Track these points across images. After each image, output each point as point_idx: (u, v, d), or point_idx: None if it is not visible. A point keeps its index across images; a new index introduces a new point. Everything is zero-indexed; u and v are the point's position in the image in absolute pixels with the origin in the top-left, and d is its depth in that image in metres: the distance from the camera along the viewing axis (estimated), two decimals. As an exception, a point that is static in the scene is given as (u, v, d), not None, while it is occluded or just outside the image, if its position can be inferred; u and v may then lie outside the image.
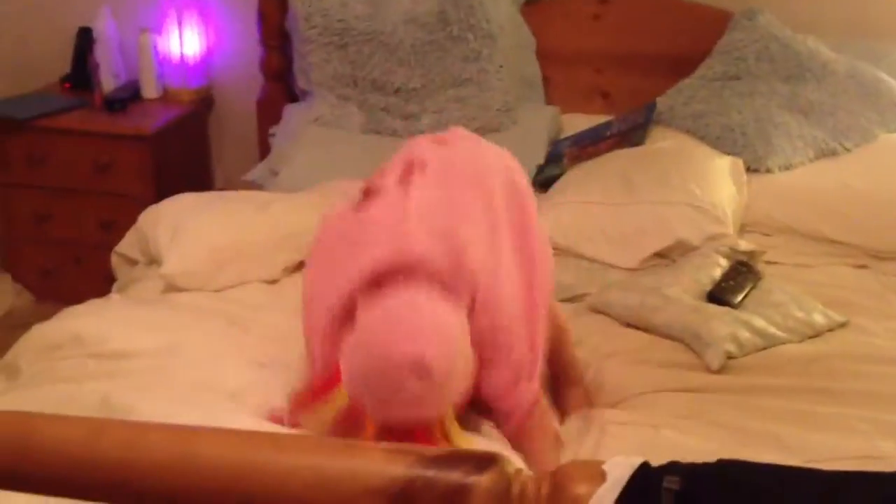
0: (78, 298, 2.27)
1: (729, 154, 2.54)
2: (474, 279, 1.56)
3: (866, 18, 2.87)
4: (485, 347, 1.55)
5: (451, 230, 1.57)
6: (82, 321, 1.91)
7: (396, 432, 1.40)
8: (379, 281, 1.50)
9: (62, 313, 2.00)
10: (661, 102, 2.75)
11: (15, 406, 1.56)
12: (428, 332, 1.42)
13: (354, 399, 1.43)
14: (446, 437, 1.44)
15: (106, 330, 1.86)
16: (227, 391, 1.69)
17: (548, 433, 1.69)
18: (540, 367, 1.66)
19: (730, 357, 1.89)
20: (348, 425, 1.44)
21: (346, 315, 1.51)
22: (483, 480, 0.88)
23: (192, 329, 1.90)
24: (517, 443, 1.64)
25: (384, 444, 0.94)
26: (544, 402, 1.68)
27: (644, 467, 0.88)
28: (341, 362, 1.46)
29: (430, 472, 0.89)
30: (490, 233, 1.62)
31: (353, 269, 1.54)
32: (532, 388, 1.64)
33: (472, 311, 1.54)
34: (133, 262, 2.39)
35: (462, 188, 1.65)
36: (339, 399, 1.44)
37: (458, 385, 1.46)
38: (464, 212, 1.61)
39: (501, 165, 1.72)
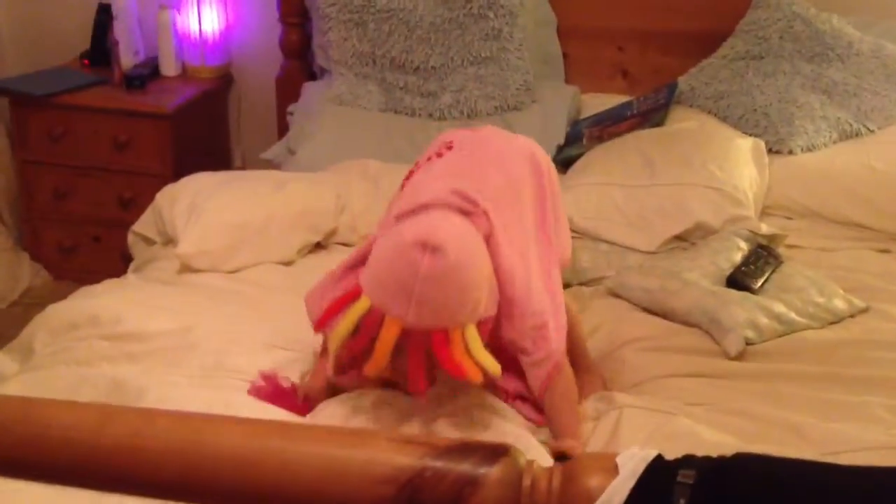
0: (96, 277, 2.28)
1: (751, 135, 2.51)
2: (489, 220, 1.58)
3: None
4: (504, 286, 1.57)
5: (468, 185, 1.60)
6: (97, 302, 1.91)
7: (415, 338, 1.41)
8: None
9: (77, 293, 2.00)
10: (683, 82, 2.71)
11: (27, 389, 1.57)
12: (441, 223, 1.47)
13: (374, 300, 1.43)
14: (467, 350, 1.43)
15: (120, 311, 1.86)
16: (240, 374, 1.69)
17: (573, 403, 1.68)
18: (563, 324, 1.65)
19: (749, 343, 1.87)
20: (368, 332, 1.43)
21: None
22: (494, 472, 0.87)
23: (206, 311, 1.90)
24: (545, 410, 1.65)
25: (393, 434, 0.93)
26: (570, 371, 1.67)
27: (658, 460, 0.86)
28: (362, 273, 1.47)
29: (440, 463, 0.87)
30: (510, 206, 1.65)
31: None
32: (558, 338, 1.63)
33: (488, 246, 1.55)
34: (150, 242, 2.39)
35: (486, 163, 1.69)
36: (360, 306, 1.44)
37: (478, 293, 1.45)
38: (483, 176, 1.64)
39: (528, 151, 1.76)
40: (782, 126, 2.48)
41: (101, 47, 3.20)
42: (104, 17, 3.19)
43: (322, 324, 1.55)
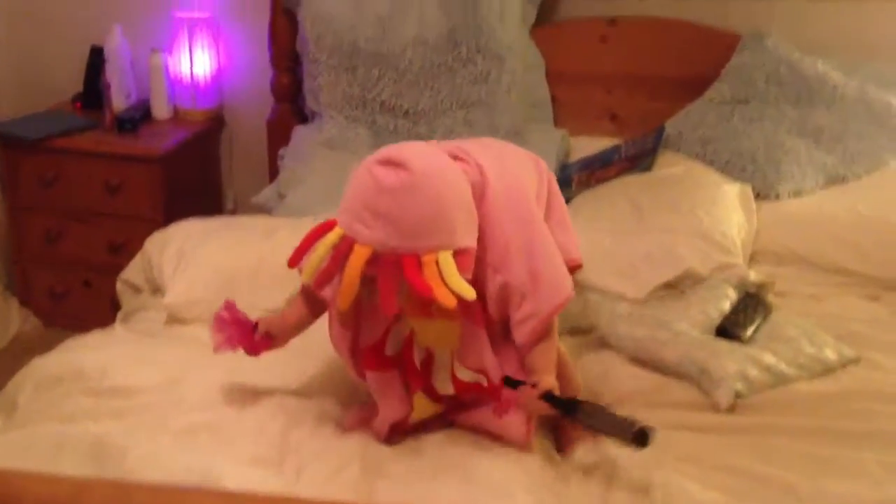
0: (86, 323, 2.28)
1: (738, 180, 2.52)
2: (483, 173, 1.58)
3: (876, 41, 2.84)
4: (496, 232, 1.57)
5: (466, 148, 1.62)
6: (82, 356, 1.91)
7: (385, 263, 1.41)
8: None
9: (63, 346, 2.00)
10: (670, 126, 2.72)
11: (9, 449, 1.56)
12: (408, 145, 1.48)
13: (343, 226, 1.44)
14: (440, 277, 1.41)
15: (106, 365, 1.85)
16: (224, 432, 1.68)
17: (552, 363, 1.66)
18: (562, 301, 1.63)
19: (739, 396, 1.85)
20: (338, 261, 1.44)
21: None
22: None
23: (192, 364, 1.88)
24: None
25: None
26: (556, 338, 1.67)
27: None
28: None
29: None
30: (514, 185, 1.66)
31: None
32: (551, 304, 1.61)
33: (475, 195, 1.55)
34: (138, 289, 2.38)
35: (489, 147, 1.72)
36: (331, 236, 1.45)
37: (450, 214, 1.44)
38: (484, 154, 1.66)
39: (532, 155, 1.80)
40: (769, 171, 2.49)
41: (93, 90, 3.21)
42: (97, 60, 3.21)
43: (296, 259, 1.55)
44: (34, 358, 1.96)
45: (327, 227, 1.48)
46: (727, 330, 2.03)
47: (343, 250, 1.43)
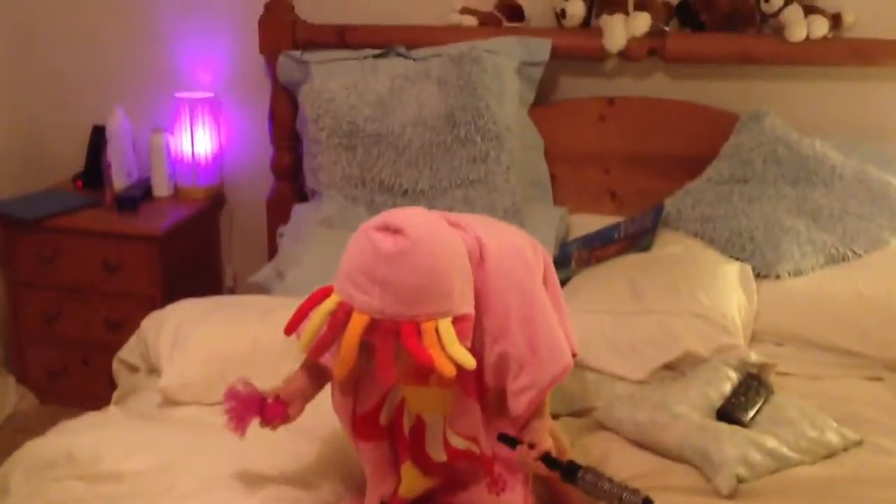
0: (84, 400, 2.27)
1: (737, 259, 2.51)
2: (480, 243, 1.57)
3: (874, 120, 2.87)
4: (495, 304, 1.55)
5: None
6: (74, 439, 1.88)
7: (383, 330, 1.38)
8: None
9: (55, 429, 1.97)
10: (669, 205, 2.73)
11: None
12: (406, 210, 1.46)
13: (340, 292, 1.42)
14: (440, 343, 1.38)
15: (98, 449, 1.82)
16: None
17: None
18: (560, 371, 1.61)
19: (740, 481, 1.82)
20: (335, 329, 1.41)
21: None
22: None
23: (186, 448, 1.86)
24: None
25: None
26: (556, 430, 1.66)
27: None
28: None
29: None
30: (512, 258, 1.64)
31: None
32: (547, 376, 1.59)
33: (473, 262, 1.53)
34: (134, 369, 2.37)
35: (488, 223, 1.70)
36: (328, 303, 1.43)
37: (449, 281, 1.42)
38: (482, 225, 1.64)
39: (528, 237, 1.77)
40: (769, 250, 2.49)
41: (94, 168, 3.24)
42: (98, 139, 3.24)
43: (293, 326, 1.52)
44: (27, 441, 1.93)
45: (324, 293, 1.46)
46: (728, 413, 2.01)
47: (340, 318, 1.41)
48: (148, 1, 3.27)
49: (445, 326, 1.40)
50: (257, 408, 1.67)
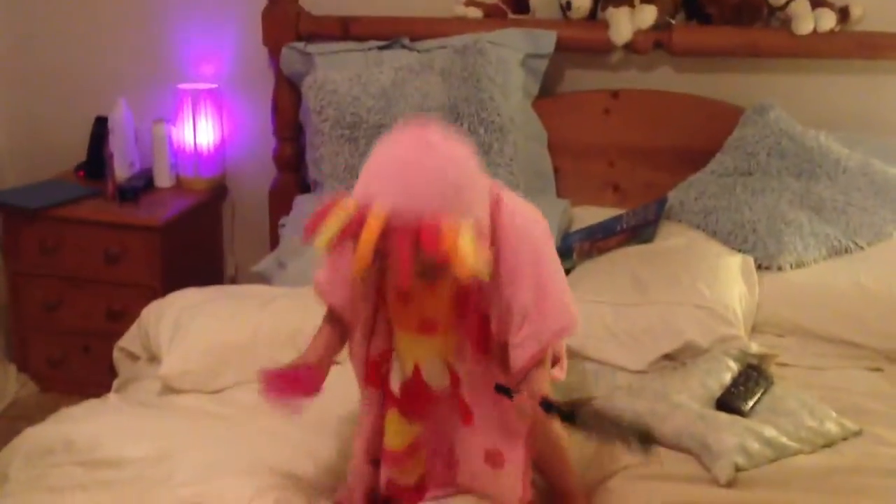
0: (84, 388, 2.26)
1: (740, 251, 2.50)
2: (497, 189, 1.55)
3: (880, 114, 2.86)
4: (504, 243, 1.52)
5: None
6: (73, 426, 1.88)
7: (402, 230, 1.33)
8: None
9: (55, 416, 1.97)
10: (672, 197, 2.72)
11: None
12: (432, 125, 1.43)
13: (359, 194, 1.38)
14: (455, 242, 1.33)
15: (97, 436, 1.82)
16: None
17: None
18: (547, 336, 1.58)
19: (739, 469, 1.81)
20: (355, 224, 1.35)
21: None
22: None
23: (186, 436, 1.86)
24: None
25: None
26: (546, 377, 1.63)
27: None
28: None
29: None
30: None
31: None
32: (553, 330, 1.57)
33: (490, 201, 1.50)
34: (135, 357, 2.36)
35: None
36: (345, 207, 1.37)
37: (469, 191, 1.40)
38: None
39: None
40: (771, 242, 2.48)
41: (97, 159, 3.24)
42: (101, 130, 3.24)
43: (311, 230, 1.43)
44: (26, 428, 1.93)
45: (338, 198, 1.41)
46: (727, 403, 2.00)
47: (359, 218, 1.35)
48: (150, -5, 3.27)
49: (466, 229, 1.36)
50: (296, 384, 1.62)
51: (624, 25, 2.80)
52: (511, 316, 1.56)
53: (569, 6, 2.90)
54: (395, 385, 1.66)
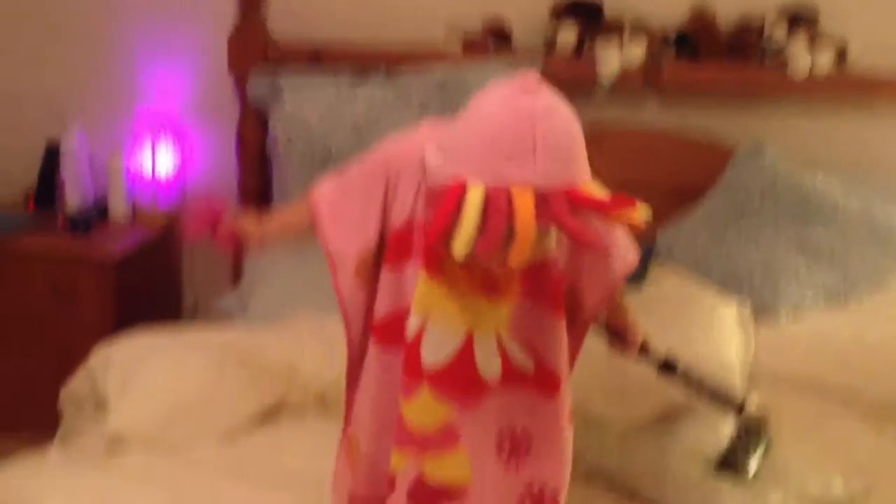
0: (29, 429, 2.06)
1: (734, 299, 2.38)
2: None
3: (879, 157, 2.77)
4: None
5: None
6: (10, 483, 1.71)
7: (553, 203, 1.20)
8: None
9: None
10: (661, 241, 2.61)
11: None
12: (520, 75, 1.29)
13: (488, 178, 1.21)
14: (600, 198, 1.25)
15: (36, 498, 1.65)
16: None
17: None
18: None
19: (746, 540, 1.68)
20: (499, 221, 1.20)
21: None
22: None
23: (132, 499, 1.69)
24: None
25: None
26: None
27: None
28: (445, 166, 1.26)
29: None
30: None
31: None
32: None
33: None
34: (81, 406, 2.17)
35: None
36: (474, 199, 1.20)
37: (579, 147, 1.27)
38: None
39: None
40: (767, 290, 2.38)
41: (48, 187, 3.07)
42: (52, 156, 3.08)
43: (438, 235, 1.24)
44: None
45: (458, 190, 1.22)
46: (728, 465, 1.87)
47: (501, 205, 1.20)
48: (108, 16, 3.12)
49: (594, 187, 1.27)
50: (210, 223, 1.62)
51: (613, 61, 2.70)
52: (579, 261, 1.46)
53: (553, 42, 2.79)
54: (429, 356, 1.44)
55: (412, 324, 1.42)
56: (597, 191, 1.27)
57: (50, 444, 2.01)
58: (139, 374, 1.98)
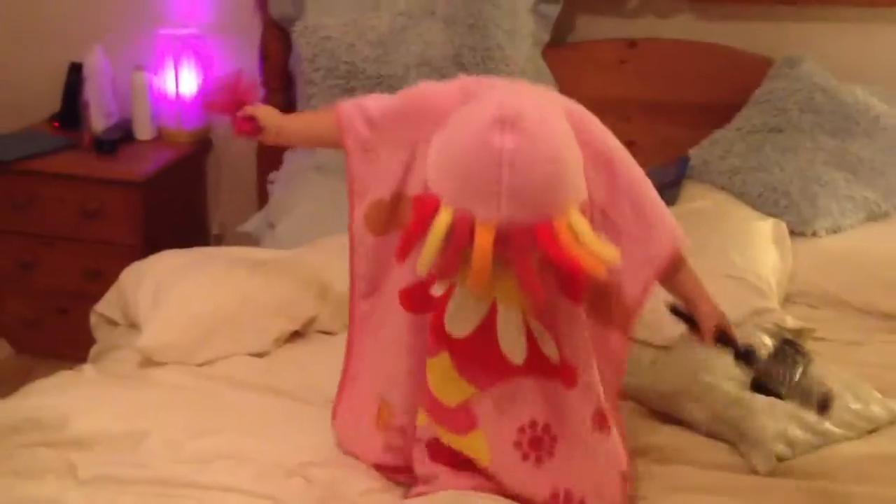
0: (61, 352, 2.13)
1: (770, 215, 2.33)
2: (576, 108, 1.42)
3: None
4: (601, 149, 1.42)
5: None
6: (41, 402, 1.71)
7: (516, 239, 1.20)
8: None
9: (23, 390, 1.80)
10: (695, 156, 2.55)
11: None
12: (507, 90, 1.28)
13: (455, 205, 1.22)
14: (576, 238, 1.21)
15: (67, 413, 1.65)
16: (191, 494, 1.49)
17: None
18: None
19: (780, 459, 1.66)
20: (458, 246, 1.21)
21: None
22: None
23: (165, 413, 1.69)
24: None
25: None
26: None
27: None
28: (429, 176, 1.27)
29: None
30: None
31: None
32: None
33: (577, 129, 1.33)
34: (114, 323, 2.18)
35: None
36: (442, 220, 1.22)
37: (571, 166, 1.24)
38: None
39: None
40: (805, 205, 2.31)
41: (72, 109, 3.04)
42: (76, 77, 3.03)
43: (405, 251, 1.29)
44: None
45: (430, 207, 1.24)
46: (764, 384, 1.82)
47: (463, 234, 1.21)
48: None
49: (577, 219, 1.22)
50: (234, 103, 1.67)
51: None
52: (612, 238, 1.41)
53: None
54: (452, 323, 1.43)
55: (438, 286, 1.41)
56: (577, 221, 1.23)
57: (83, 364, 2.01)
58: (170, 293, 1.96)
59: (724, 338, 1.52)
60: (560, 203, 1.22)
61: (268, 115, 1.68)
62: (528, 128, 1.20)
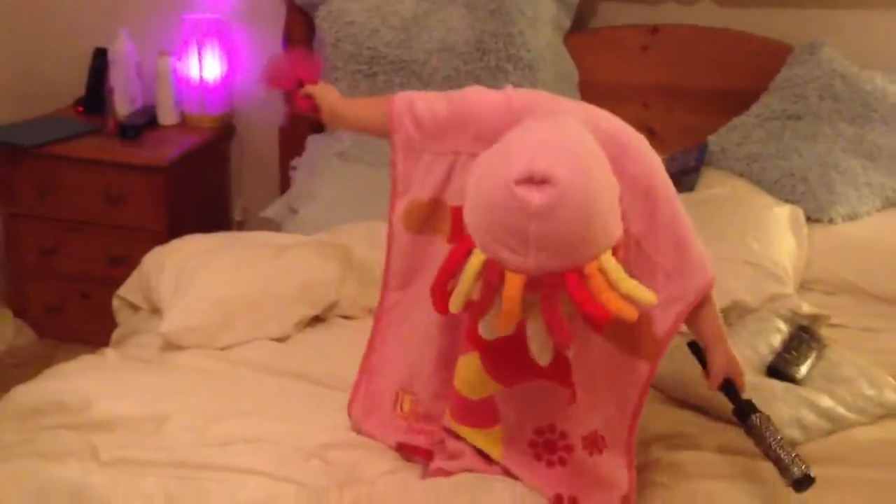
0: (83, 337, 2.08)
1: (788, 201, 2.34)
2: (615, 134, 1.42)
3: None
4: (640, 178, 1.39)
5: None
6: (64, 385, 1.72)
7: (546, 284, 1.22)
8: None
9: (46, 373, 1.82)
10: (713, 142, 2.55)
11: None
12: (540, 141, 1.25)
13: (486, 253, 1.25)
14: (609, 284, 1.22)
15: (90, 396, 1.67)
16: (212, 476, 1.51)
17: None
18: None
19: (794, 444, 1.66)
20: (490, 287, 1.25)
21: None
22: None
23: (187, 397, 1.71)
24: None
25: None
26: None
27: None
28: (466, 220, 1.29)
29: None
30: None
31: None
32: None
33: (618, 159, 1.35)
34: (136, 308, 2.21)
35: None
36: (475, 263, 1.25)
37: (605, 217, 1.25)
38: None
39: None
40: (822, 192, 2.31)
41: (96, 94, 3.07)
42: (101, 63, 3.06)
43: (439, 293, 1.32)
44: (23, 375, 1.82)
45: (464, 250, 1.28)
46: (779, 369, 1.85)
47: (493, 279, 1.25)
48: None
49: (608, 262, 1.23)
50: (295, 79, 1.70)
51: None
52: (649, 276, 1.40)
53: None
54: (485, 330, 1.44)
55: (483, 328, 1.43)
56: (609, 264, 1.23)
57: (105, 348, 2.04)
58: (192, 277, 1.98)
59: (729, 388, 1.50)
60: (590, 253, 1.23)
61: (324, 94, 1.70)
62: (560, 184, 1.20)
